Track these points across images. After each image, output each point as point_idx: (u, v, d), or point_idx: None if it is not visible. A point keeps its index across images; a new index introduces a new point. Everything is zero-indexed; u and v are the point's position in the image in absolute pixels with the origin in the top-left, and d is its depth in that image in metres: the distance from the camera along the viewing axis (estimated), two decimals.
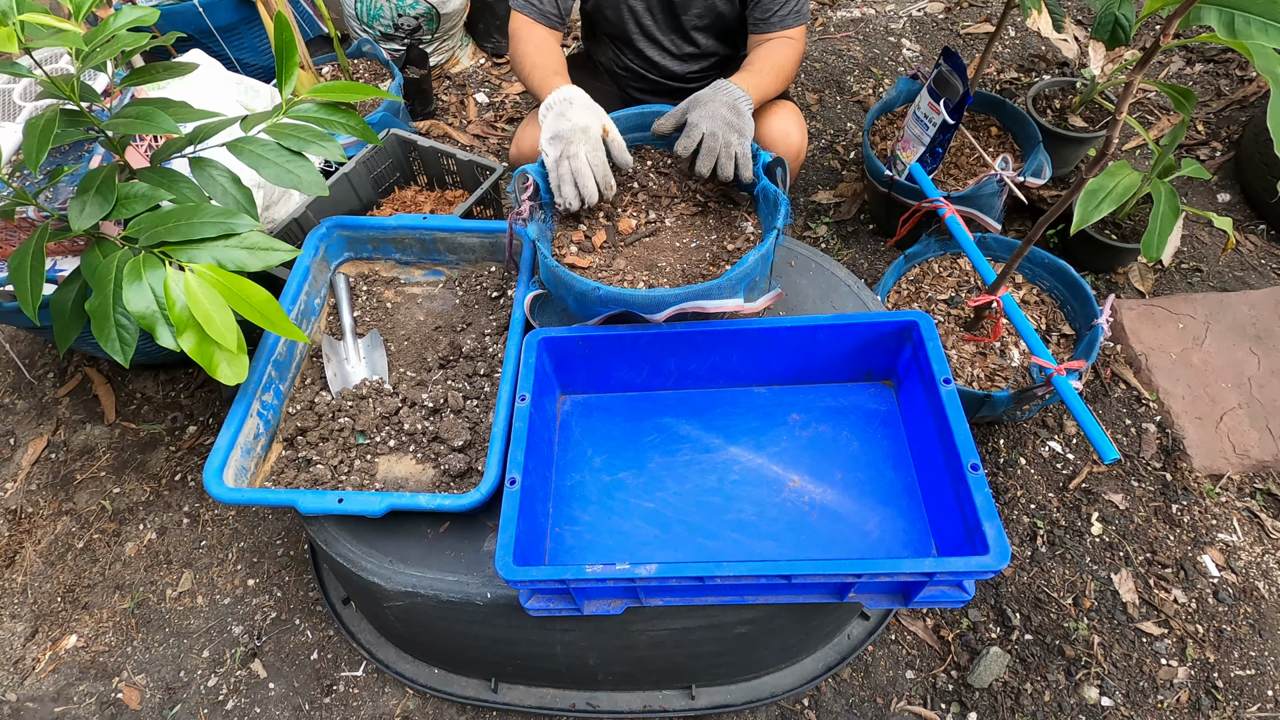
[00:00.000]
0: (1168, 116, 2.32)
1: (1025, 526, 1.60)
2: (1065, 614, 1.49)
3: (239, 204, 1.04)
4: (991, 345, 1.64)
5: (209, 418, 1.87)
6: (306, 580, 1.62)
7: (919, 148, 1.74)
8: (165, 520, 1.73)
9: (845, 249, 2.11)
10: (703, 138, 1.17)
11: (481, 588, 1.06)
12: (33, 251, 0.99)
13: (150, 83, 1.11)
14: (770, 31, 1.45)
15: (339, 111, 1.09)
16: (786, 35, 1.45)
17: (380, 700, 1.47)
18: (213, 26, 2.10)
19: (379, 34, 2.39)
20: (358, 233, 1.38)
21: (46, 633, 1.60)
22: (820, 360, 1.16)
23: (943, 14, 2.74)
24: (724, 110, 1.18)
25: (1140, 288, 1.95)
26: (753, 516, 1.07)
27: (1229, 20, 0.94)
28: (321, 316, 1.35)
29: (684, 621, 1.11)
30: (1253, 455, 1.64)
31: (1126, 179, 1.31)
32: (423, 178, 1.83)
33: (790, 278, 1.37)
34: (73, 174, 1.52)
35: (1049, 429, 1.74)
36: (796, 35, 1.46)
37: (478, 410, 1.20)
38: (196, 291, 0.94)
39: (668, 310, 1.05)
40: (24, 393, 1.98)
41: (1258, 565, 1.53)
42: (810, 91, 2.51)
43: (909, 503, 1.06)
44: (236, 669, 1.53)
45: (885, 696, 1.43)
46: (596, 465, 1.14)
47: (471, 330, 1.31)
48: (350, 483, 1.14)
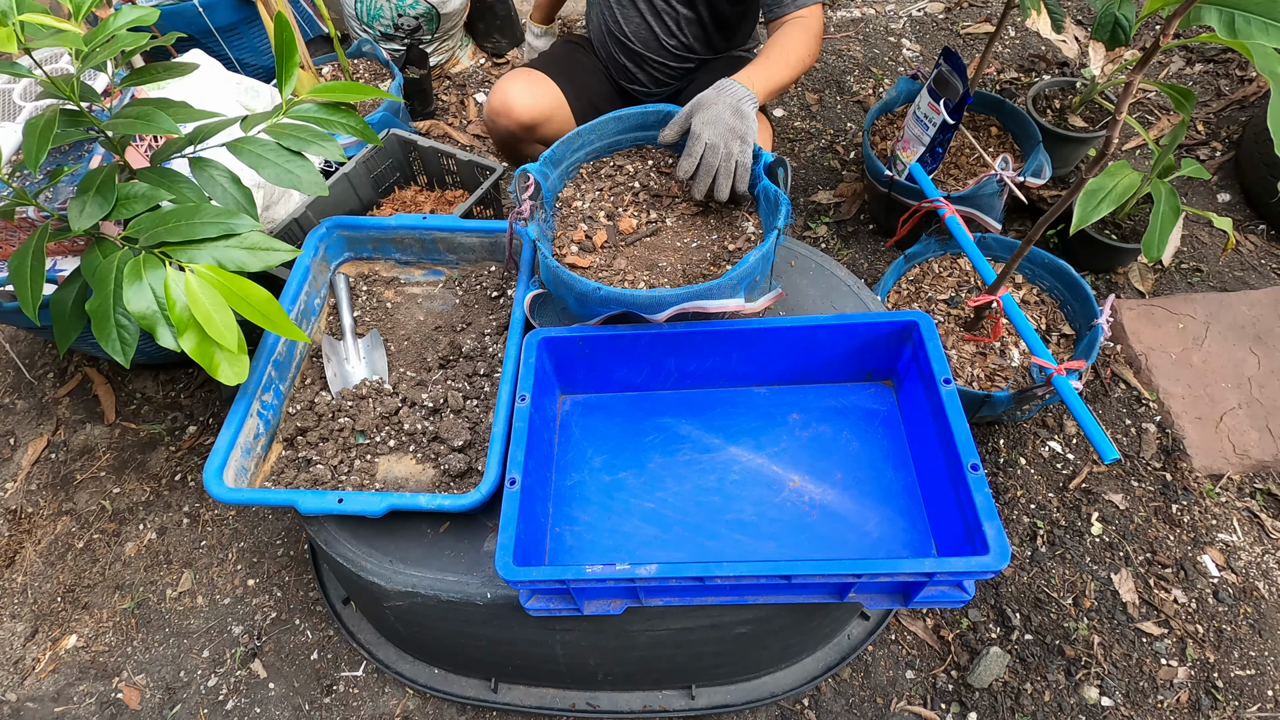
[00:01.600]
0: (1168, 116, 2.32)
1: (1025, 526, 1.60)
2: (1065, 614, 1.49)
3: (239, 204, 1.04)
4: (991, 345, 1.64)
5: (209, 418, 1.87)
6: (306, 580, 1.62)
7: (919, 148, 1.74)
8: (165, 520, 1.73)
9: (845, 249, 2.11)
10: (704, 151, 1.15)
11: (481, 588, 1.06)
12: (33, 251, 0.99)
13: (150, 83, 1.11)
14: (781, 14, 1.41)
15: (339, 112, 1.09)
16: (798, 16, 1.40)
17: (380, 700, 1.47)
18: (213, 26, 2.10)
19: (379, 34, 2.39)
20: (358, 233, 1.38)
21: (46, 633, 1.60)
22: (820, 360, 1.16)
23: (943, 14, 2.74)
24: (727, 115, 1.16)
25: (1140, 288, 1.95)
26: (753, 516, 1.07)
27: (1229, 20, 0.94)
28: (321, 316, 1.35)
29: (684, 621, 1.11)
30: (1253, 455, 1.64)
31: (1126, 179, 1.31)
32: (423, 178, 1.83)
33: (790, 278, 1.37)
34: (73, 174, 1.52)
35: (1049, 429, 1.74)
36: (809, 15, 1.39)
37: (478, 410, 1.20)
38: (197, 291, 0.94)
39: (668, 310, 1.05)
40: (24, 393, 1.98)
41: (1258, 565, 1.53)
42: (810, 91, 2.52)
43: (909, 503, 1.06)
44: (236, 669, 1.53)
45: (885, 696, 1.43)
46: (596, 465, 1.14)
47: (471, 330, 1.31)
48: (350, 483, 1.14)
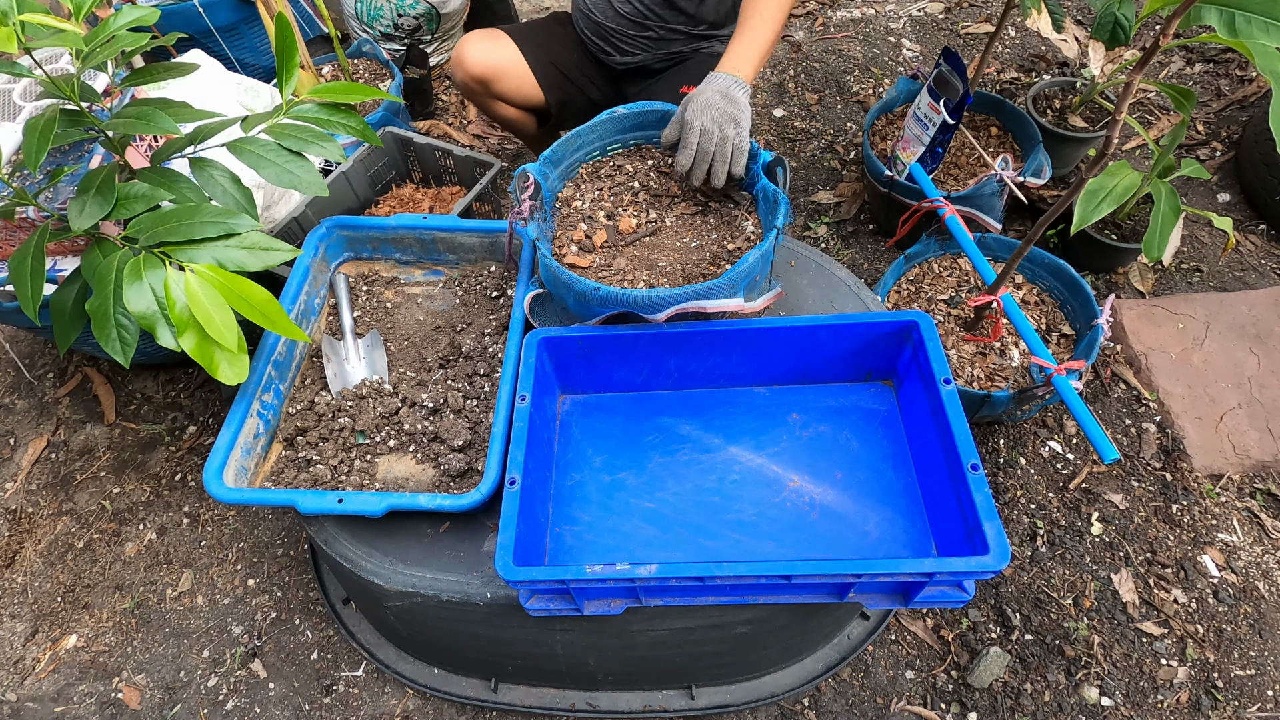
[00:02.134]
0: (1168, 116, 2.32)
1: (1025, 526, 1.60)
2: (1065, 614, 1.49)
3: (239, 204, 1.04)
4: (991, 345, 1.64)
5: (209, 418, 1.87)
6: (306, 580, 1.62)
7: (919, 148, 1.74)
8: (165, 520, 1.73)
9: (845, 249, 2.11)
10: (699, 138, 1.16)
11: (481, 588, 1.06)
12: (33, 251, 0.99)
13: (150, 83, 1.11)
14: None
15: (339, 112, 1.09)
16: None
17: (380, 700, 1.47)
18: (213, 26, 2.10)
19: (379, 34, 2.39)
20: (358, 232, 1.38)
21: (46, 633, 1.60)
22: (820, 360, 1.16)
23: (943, 14, 2.74)
24: (717, 99, 1.18)
25: (1140, 288, 1.95)
26: (753, 516, 1.07)
27: (1229, 20, 0.94)
28: (321, 316, 1.35)
29: (684, 621, 1.11)
30: (1253, 455, 1.64)
31: (1126, 179, 1.31)
32: (419, 175, 1.83)
33: (790, 278, 1.37)
34: (73, 174, 1.52)
35: (1049, 429, 1.74)
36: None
37: (478, 410, 1.20)
38: (197, 291, 0.94)
39: (668, 310, 1.05)
40: (24, 393, 1.98)
41: (1258, 565, 1.53)
42: (810, 91, 2.51)
43: (909, 503, 1.06)
44: (236, 669, 1.53)
45: (885, 696, 1.43)
46: (596, 465, 1.14)
47: (471, 330, 1.31)
48: (350, 483, 1.14)
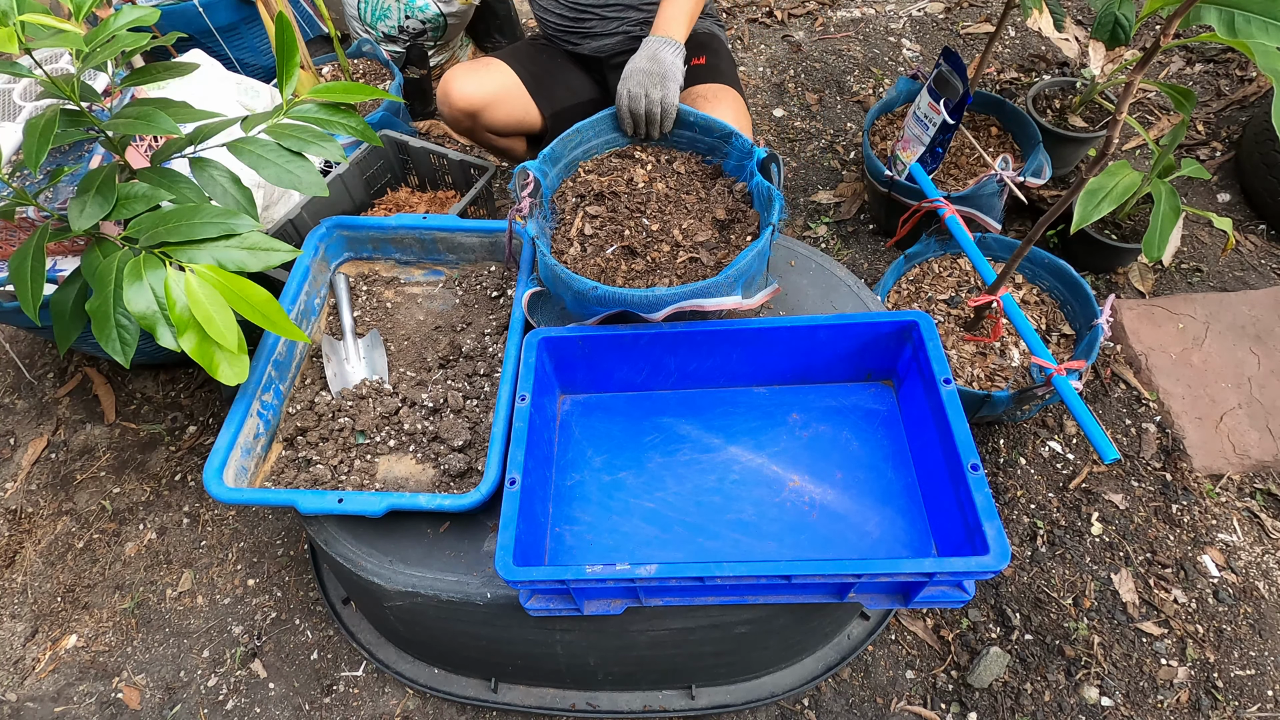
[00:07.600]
0: (1168, 116, 2.32)
1: (1025, 526, 1.60)
2: (1065, 614, 1.49)
3: (239, 204, 1.04)
4: (991, 345, 1.64)
5: (209, 418, 1.87)
6: (306, 580, 1.62)
7: (919, 148, 1.74)
8: (165, 520, 1.73)
9: (845, 249, 2.11)
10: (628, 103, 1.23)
11: (481, 588, 1.06)
12: (33, 251, 0.99)
13: (150, 83, 1.11)
14: None
15: (339, 112, 1.09)
16: None
17: (380, 700, 1.47)
18: (213, 26, 2.10)
19: (381, 35, 2.39)
20: (357, 233, 1.38)
21: (46, 633, 1.60)
22: (820, 360, 1.16)
23: (943, 14, 2.74)
24: (643, 63, 1.25)
25: (1140, 288, 1.95)
26: (753, 516, 1.07)
27: (1229, 20, 0.94)
28: (321, 316, 1.35)
29: (684, 621, 1.11)
30: (1253, 455, 1.64)
31: (1126, 179, 1.31)
32: (414, 178, 1.82)
33: (790, 278, 1.37)
34: (73, 174, 1.52)
35: (1049, 429, 1.74)
36: None
37: (478, 410, 1.20)
38: (197, 292, 0.94)
39: (666, 309, 1.05)
40: (24, 393, 1.98)
41: (1258, 565, 1.53)
42: (810, 91, 2.51)
43: (909, 503, 1.06)
44: (236, 669, 1.53)
45: (885, 696, 1.43)
46: (596, 465, 1.14)
47: (471, 330, 1.31)
48: (350, 483, 1.14)
